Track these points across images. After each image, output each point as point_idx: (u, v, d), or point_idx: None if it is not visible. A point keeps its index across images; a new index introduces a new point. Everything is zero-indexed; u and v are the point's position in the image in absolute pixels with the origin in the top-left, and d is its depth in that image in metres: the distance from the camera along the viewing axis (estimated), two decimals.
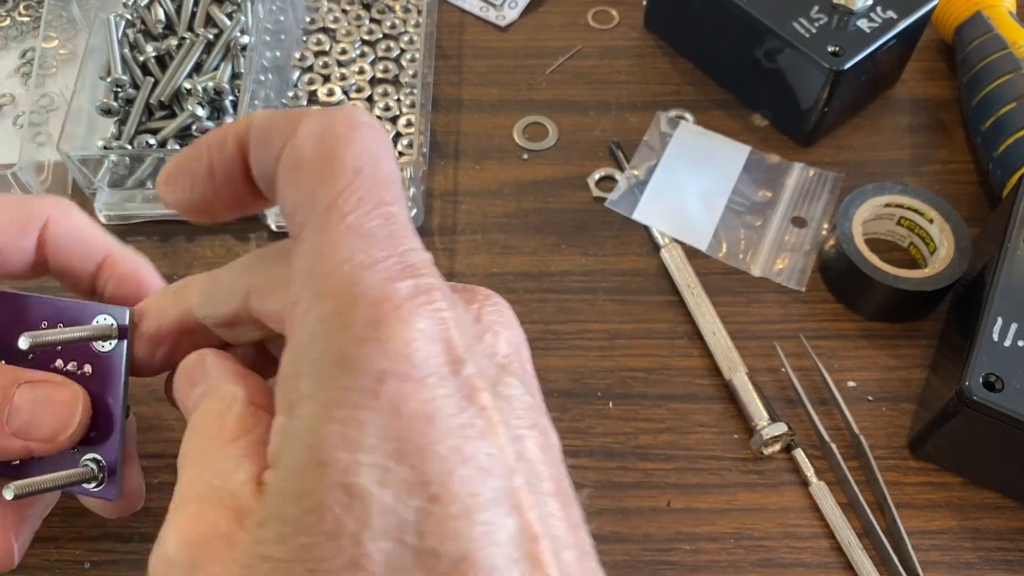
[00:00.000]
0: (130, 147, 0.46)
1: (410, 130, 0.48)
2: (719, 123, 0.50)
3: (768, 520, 0.38)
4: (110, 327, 0.29)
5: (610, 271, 0.45)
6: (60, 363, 0.30)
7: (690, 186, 0.48)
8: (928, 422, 0.38)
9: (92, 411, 0.29)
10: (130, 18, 0.49)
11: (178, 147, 0.46)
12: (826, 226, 0.46)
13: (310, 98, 0.50)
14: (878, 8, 0.47)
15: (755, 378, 0.41)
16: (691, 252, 0.45)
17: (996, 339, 0.37)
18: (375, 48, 0.52)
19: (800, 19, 0.46)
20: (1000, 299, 0.38)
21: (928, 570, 0.37)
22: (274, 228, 0.46)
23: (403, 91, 0.50)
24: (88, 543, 0.37)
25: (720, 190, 0.48)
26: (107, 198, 0.46)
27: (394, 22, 0.53)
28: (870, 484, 0.39)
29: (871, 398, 0.41)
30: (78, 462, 0.30)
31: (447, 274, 0.45)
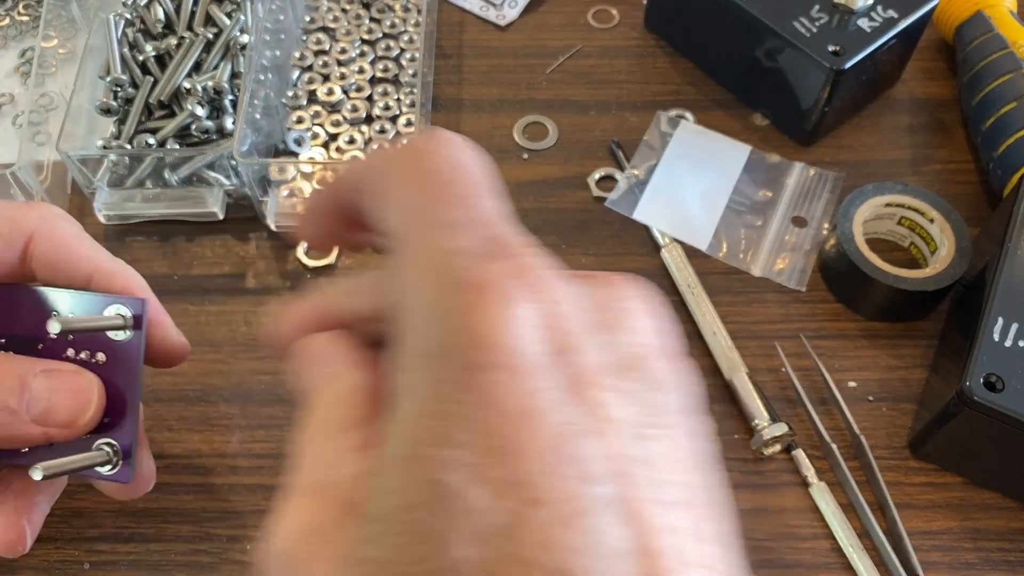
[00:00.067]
0: (129, 147, 0.46)
1: (410, 130, 0.48)
2: (719, 123, 0.50)
3: (768, 520, 0.38)
4: (128, 316, 0.31)
5: (610, 271, 0.45)
6: (71, 352, 0.31)
7: (690, 186, 0.48)
8: (928, 422, 0.38)
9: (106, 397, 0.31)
10: (129, 17, 0.49)
11: (177, 146, 0.46)
12: (826, 226, 0.46)
13: (310, 97, 0.50)
14: (878, 7, 0.47)
15: (755, 378, 0.41)
16: (691, 252, 0.45)
17: (996, 339, 0.37)
18: (375, 47, 0.52)
19: (800, 18, 0.46)
20: (1000, 299, 0.38)
21: (928, 570, 0.37)
22: (274, 228, 0.46)
23: (403, 90, 0.50)
24: (87, 543, 0.37)
25: (720, 190, 0.48)
26: (106, 198, 0.46)
27: (394, 21, 0.53)
28: (870, 484, 0.39)
29: (871, 398, 0.41)
30: (90, 449, 0.31)
31: None
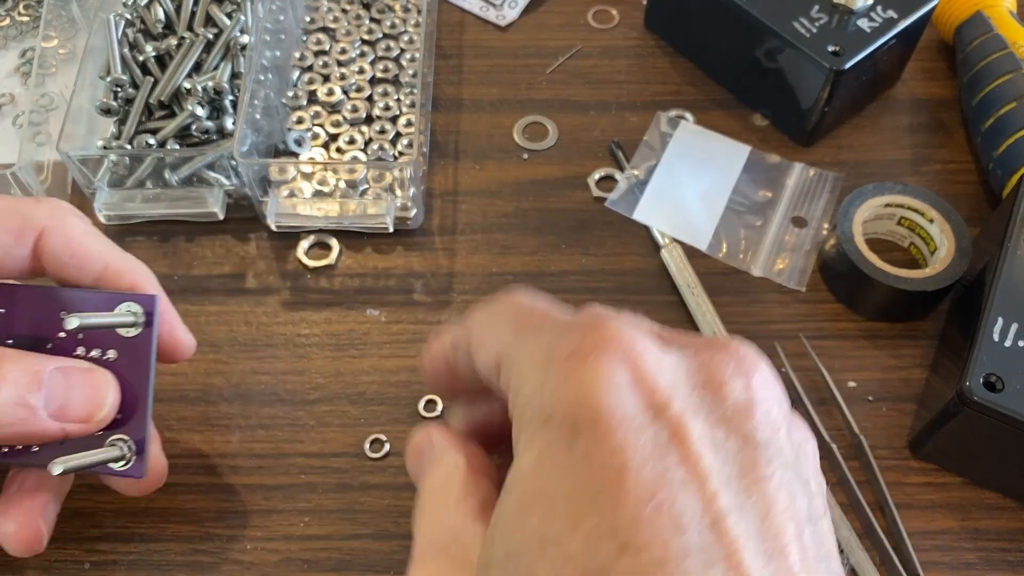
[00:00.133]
0: (130, 147, 0.46)
1: (410, 130, 0.48)
2: (719, 123, 0.50)
3: None
4: (141, 313, 0.31)
5: (610, 271, 0.45)
6: (82, 350, 0.32)
7: (690, 186, 0.48)
8: (928, 422, 0.38)
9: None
10: (130, 18, 0.49)
11: (178, 147, 0.46)
12: (826, 226, 0.46)
13: (310, 98, 0.50)
14: (878, 8, 0.47)
15: None
16: (691, 252, 0.45)
17: (996, 339, 0.37)
18: (375, 48, 0.52)
19: (800, 19, 0.46)
20: (1000, 299, 0.38)
21: (928, 570, 0.37)
22: (274, 228, 0.46)
23: (403, 91, 0.50)
24: (87, 543, 0.37)
25: (720, 190, 0.48)
26: (107, 198, 0.46)
27: (394, 21, 0.53)
28: (870, 484, 0.39)
29: (871, 398, 0.41)
30: (103, 444, 0.31)
31: (446, 274, 0.45)
